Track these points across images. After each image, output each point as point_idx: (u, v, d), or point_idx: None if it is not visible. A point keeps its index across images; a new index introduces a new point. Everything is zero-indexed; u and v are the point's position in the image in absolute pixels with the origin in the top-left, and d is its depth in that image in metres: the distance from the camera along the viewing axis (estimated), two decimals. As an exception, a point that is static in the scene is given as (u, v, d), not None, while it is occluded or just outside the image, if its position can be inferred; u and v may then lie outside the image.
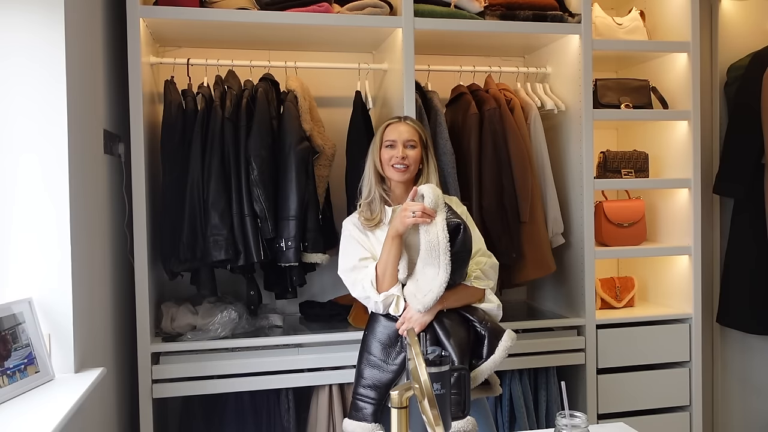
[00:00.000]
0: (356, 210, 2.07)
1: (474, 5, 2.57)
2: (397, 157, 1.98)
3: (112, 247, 2.28)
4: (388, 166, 2.00)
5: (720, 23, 3.10)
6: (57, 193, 1.77)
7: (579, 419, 1.30)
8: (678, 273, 2.84)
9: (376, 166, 2.03)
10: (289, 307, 2.81)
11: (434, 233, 1.78)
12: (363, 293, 1.92)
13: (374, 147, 2.04)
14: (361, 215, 2.02)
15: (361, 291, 1.92)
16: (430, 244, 1.78)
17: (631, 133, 3.14)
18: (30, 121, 1.75)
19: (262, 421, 2.43)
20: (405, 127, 2.02)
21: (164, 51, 2.69)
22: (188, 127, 2.36)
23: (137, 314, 2.26)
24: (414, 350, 1.15)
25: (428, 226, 1.79)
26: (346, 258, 1.99)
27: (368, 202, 2.02)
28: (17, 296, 1.72)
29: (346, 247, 2.00)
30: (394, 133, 2.01)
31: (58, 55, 1.76)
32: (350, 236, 2.00)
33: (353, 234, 2.00)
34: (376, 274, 1.89)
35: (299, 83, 2.49)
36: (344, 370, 2.41)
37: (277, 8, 2.40)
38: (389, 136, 2.01)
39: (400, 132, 2.01)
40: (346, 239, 2.01)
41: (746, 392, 3.12)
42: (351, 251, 1.98)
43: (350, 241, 2.00)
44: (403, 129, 2.02)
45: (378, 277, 1.89)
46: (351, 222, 2.04)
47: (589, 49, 2.62)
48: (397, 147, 1.99)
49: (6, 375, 1.61)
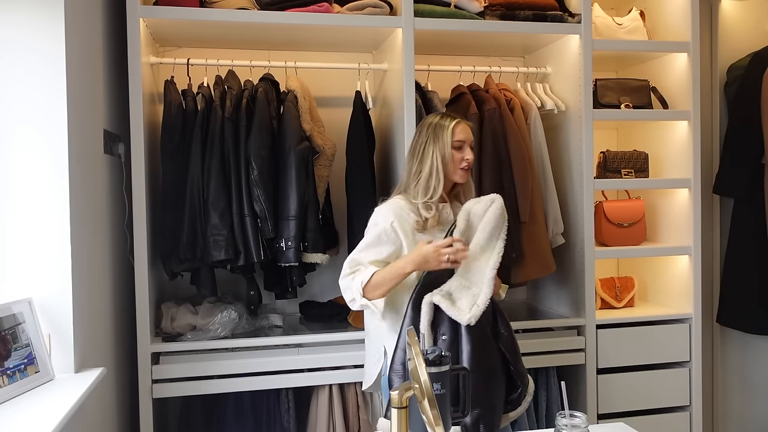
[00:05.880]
0: (394, 202, 1.96)
1: (474, 5, 2.57)
2: (467, 159, 1.93)
3: (112, 247, 2.28)
4: (456, 168, 1.94)
5: (720, 23, 3.10)
6: (57, 193, 1.77)
7: (579, 419, 1.30)
8: (678, 273, 2.84)
9: (446, 166, 1.93)
10: (289, 307, 2.81)
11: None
12: (350, 297, 1.90)
13: (441, 145, 1.92)
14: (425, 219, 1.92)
15: (349, 295, 1.90)
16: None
17: (631, 133, 3.14)
18: (30, 121, 1.75)
19: (262, 421, 2.43)
20: (468, 127, 1.97)
21: (164, 51, 2.69)
22: (188, 127, 2.36)
23: (137, 314, 2.26)
24: (414, 350, 1.15)
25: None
26: (364, 252, 1.91)
27: (432, 202, 1.93)
28: (17, 296, 1.72)
29: (372, 242, 1.91)
30: (463, 133, 1.94)
31: (58, 55, 1.76)
32: (385, 232, 1.90)
33: (389, 234, 1.90)
34: (371, 281, 1.85)
35: (299, 83, 2.49)
36: (344, 370, 2.41)
37: (277, 8, 2.40)
38: (459, 135, 1.93)
39: (467, 132, 1.95)
40: (376, 234, 1.91)
41: (746, 392, 3.12)
42: (373, 250, 1.90)
43: (380, 239, 1.90)
44: (468, 129, 1.97)
45: (371, 284, 1.85)
46: (393, 215, 1.91)
47: (589, 49, 2.62)
48: (466, 148, 1.93)
49: (6, 375, 1.61)
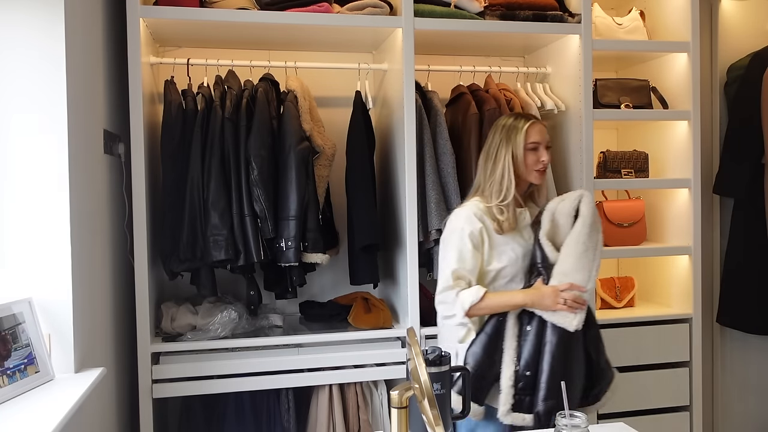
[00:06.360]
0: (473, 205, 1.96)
1: (474, 5, 2.57)
2: (543, 161, 1.93)
3: (112, 247, 2.28)
4: (531, 170, 1.94)
5: (720, 23, 3.10)
6: (57, 193, 1.77)
7: (579, 419, 1.30)
8: (678, 273, 2.84)
9: (518, 169, 1.94)
10: (289, 307, 2.81)
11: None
12: (449, 312, 1.90)
13: (514, 147, 1.94)
14: (500, 222, 1.92)
15: (449, 310, 1.90)
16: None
17: (631, 133, 3.14)
18: (30, 121, 1.75)
19: (262, 421, 2.43)
20: (543, 128, 1.97)
21: (164, 51, 2.69)
22: (188, 127, 2.36)
23: (137, 314, 2.26)
24: (414, 350, 1.15)
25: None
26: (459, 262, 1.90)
27: (505, 205, 1.93)
28: (17, 296, 1.72)
29: (456, 248, 1.91)
30: (538, 135, 1.94)
31: (58, 55, 1.76)
32: (468, 237, 1.90)
33: (472, 238, 1.90)
34: (479, 305, 1.85)
35: (299, 83, 2.49)
36: (344, 370, 2.41)
37: (277, 8, 2.40)
38: (533, 137, 1.94)
39: (542, 133, 1.95)
40: (459, 239, 1.91)
41: (746, 392, 3.12)
42: (468, 259, 1.90)
43: (464, 244, 1.90)
44: (543, 129, 1.97)
45: (478, 308, 1.86)
46: (475, 218, 1.92)
47: (589, 49, 2.62)
48: (541, 149, 1.93)
49: (6, 375, 1.61)
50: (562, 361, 1.83)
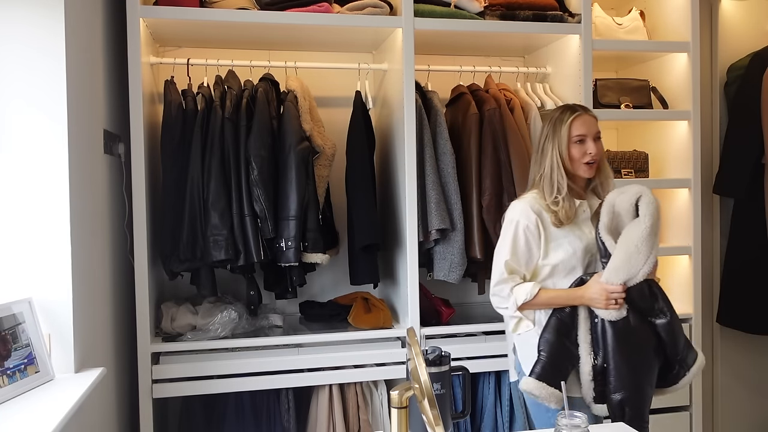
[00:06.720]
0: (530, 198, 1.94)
1: (474, 5, 2.57)
2: (590, 153, 1.88)
3: (112, 247, 2.28)
4: (579, 164, 1.90)
5: (720, 23, 3.10)
6: (57, 193, 1.77)
7: (579, 419, 1.30)
8: (678, 273, 2.84)
9: (564, 163, 1.90)
10: (289, 307, 2.81)
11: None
12: (503, 305, 1.92)
13: (559, 142, 1.90)
14: (556, 215, 1.89)
15: (502, 303, 1.92)
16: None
17: (631, 133, 3.14)
18: (30, 121, 1.75)
19: (262, 421, 2.43)
20: (590, 119, 1.92)
21: (164, 51, 2.69)
22: (188, 127, 2.36)
23: (137, 314, 2.26)
24: (414, 350, 1.15)
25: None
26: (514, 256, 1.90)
27: (560, 199, 1.89)
28: (17, 296, 1.72)
29: (510, 240, 1.90)
30: (583, 127, 1.89)
31: (57, 55, 1.76)
32: (523, 231, 1.89)
33: (527, 232, 1.89)
34: (533, 302, 1.86)
35: (299, 83, 2.49)
36: (344, 370, 2.41)
37: (277, 8, 2.40)
38: (578, 130, 1.89)
39: (589, 125, 1.90)
40: (514, 232, 1.90)
41: (746, 392, 3.12)
42: (522, 252, 1.90)
43: (519, 238, 1.89)
44: (590, 121, 1.91)
45: (532, 303, 1.87)
46: (531, 211, 1.90)
47: (589, 49, 2.62)
48: (588, 142, 1.89)
49: (6, 375, 1.61)
50: (627, 352, 1.83)
